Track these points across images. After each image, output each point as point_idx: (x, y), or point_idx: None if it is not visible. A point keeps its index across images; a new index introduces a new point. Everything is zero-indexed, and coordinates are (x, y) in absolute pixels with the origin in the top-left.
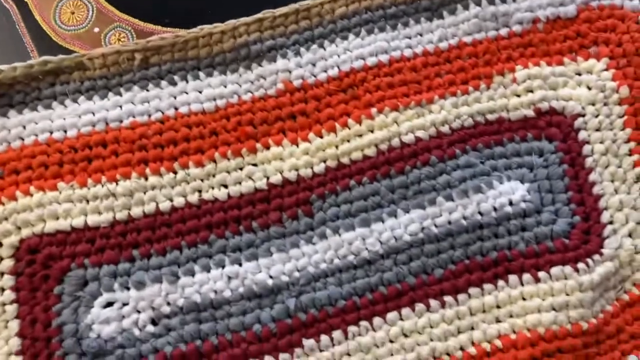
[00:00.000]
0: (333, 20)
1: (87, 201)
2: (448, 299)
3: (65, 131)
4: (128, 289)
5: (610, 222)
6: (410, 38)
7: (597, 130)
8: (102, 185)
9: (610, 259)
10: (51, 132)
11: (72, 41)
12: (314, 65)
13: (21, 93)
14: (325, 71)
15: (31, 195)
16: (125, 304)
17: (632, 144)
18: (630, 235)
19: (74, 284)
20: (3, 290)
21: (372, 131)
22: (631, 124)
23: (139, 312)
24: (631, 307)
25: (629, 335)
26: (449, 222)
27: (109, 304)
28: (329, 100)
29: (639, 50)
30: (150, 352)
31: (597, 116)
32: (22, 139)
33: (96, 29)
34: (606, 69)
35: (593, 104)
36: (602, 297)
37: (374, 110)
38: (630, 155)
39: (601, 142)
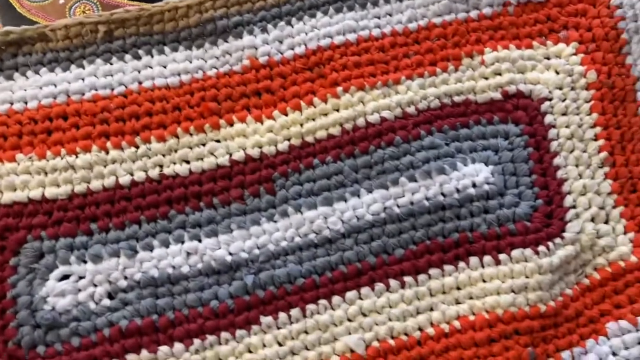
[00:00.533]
0: None
1: (46, 173)
2: (408, 279)
3: (26, 102)
4: (85, 262)
5: (573, 207)
6: (379, 18)
7: (564, 114)
8: (62, 158)
9: (572, 242)
10: (11, 103)
11: (37, 13)
12: (280, 42)
13: None
14: (292, 49)
15: None
16: (81, 277)
17: (598, 129)
18: (592, 219)
19: (30, 256)
20: None
21: (337, 110)
22: (598, 109)
23: (95, 285)
24: (591, 291)
25: (588, 319)
26: (411, 203)
27: (65, 277)
28: (295, 77)
29: (608, 35)
30: (105, 326)
31: (564, 100)
32: None
33: (61, 1)
34: (575, 54)
35: (560, 88)
36: (562, 280)
37: (339, 89)
38: (595, 140)
39: (567, 127)
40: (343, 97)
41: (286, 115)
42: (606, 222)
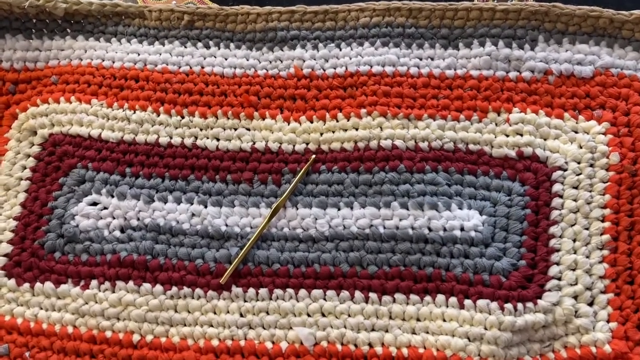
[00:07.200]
0: (355, 27)
1: (108, 119)
2: (373, 296)
3: (113, 62)
4: (112, 196)
5: (558, 278)
6: (420, 59)
7: (575, 187)
8: (123, 110)
9: (544, 311)
10: (102, 60)
11: None
12: (326, 60)
13: (91, 24)
14: (334, 68)
15: (70, 102)
16: (105, 208)
17: (607, 211)
18: (575, 297)
19: (74, 179)
20: (25, 168)
21: (356, 129)
22: (613, 191)
23: (113, 217)
24: None
25: None
26: (397, 227)
27: (94, 204)
28: (328, 93)
29: None
30: (109, 252)
31: (578, 174)
32: (80, 60)
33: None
34: (604, 133)
35: (578, 162)
36: (524, 345)
37: (363, 111)
38: (602, 221)
39: (574, 200)
40: (364, 119)
41: (311, 122)
42: (590, 304)
